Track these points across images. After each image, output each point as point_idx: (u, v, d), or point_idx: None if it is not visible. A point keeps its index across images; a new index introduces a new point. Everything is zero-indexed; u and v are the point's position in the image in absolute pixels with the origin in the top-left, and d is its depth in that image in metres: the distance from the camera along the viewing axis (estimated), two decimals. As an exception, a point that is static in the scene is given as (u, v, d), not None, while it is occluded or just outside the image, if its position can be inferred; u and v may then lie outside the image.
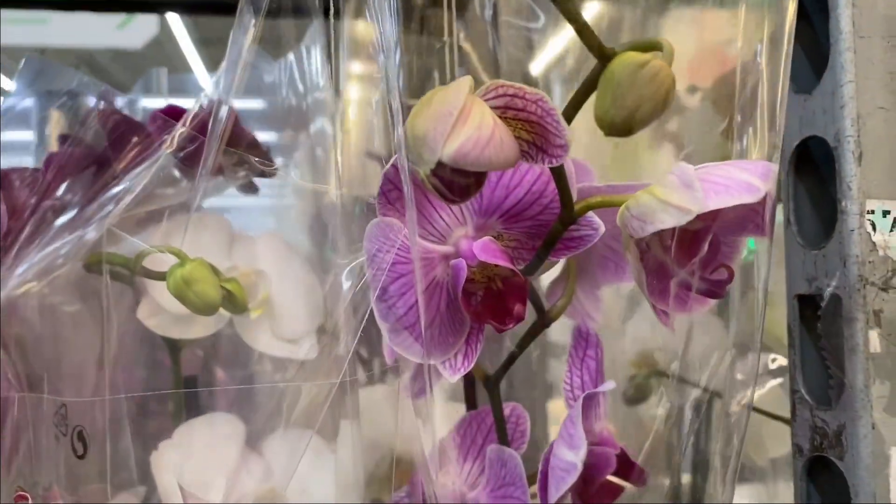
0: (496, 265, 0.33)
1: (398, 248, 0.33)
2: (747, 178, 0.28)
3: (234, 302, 0.39)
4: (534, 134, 0.26)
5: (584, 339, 0.43)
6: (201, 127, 0.42)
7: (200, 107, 0.40)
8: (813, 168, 0.39)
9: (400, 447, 0.49)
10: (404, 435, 0.48)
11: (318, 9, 0.44)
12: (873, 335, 0.35)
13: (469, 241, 0.33)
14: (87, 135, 0.49)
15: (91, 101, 0.50)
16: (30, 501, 0.39)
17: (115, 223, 0.38)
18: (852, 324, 0.35)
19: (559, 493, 0.40)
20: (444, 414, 0.57)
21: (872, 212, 0.36)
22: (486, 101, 0.26)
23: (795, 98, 0.39)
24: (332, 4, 0.44)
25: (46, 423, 0.39)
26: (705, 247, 0.31)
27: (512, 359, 0.44)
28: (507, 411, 0.46)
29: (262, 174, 0.53)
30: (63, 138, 0.51)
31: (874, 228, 0.36)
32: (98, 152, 0.47)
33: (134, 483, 0.38)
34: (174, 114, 0.46)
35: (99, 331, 0.40)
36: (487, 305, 0.33)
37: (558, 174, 0.29)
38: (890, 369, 0.35)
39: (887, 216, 0.36)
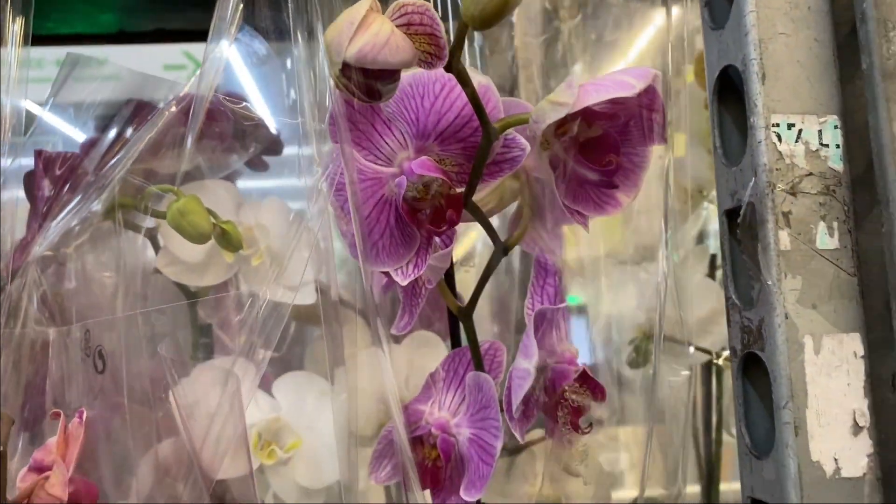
0: (439, 185, 0.39)
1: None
2: (624, 78, 0.32)
3: (228, 239, 0.45)
4: (432, 45, 0.32)
5: (544, 269, 0.47)
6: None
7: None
8: (734, 96, 0.43)
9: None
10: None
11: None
12: (783, 234, 0.39)
13: (410, 162, 0.38)
14: (117, 121, 0.56)
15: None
16: (62, 418, 0.45)
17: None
18: (764, 225, 0.39)
19: (518, 399, 0.44)
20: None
21: (778, 125, 0.40)
22: (394, 20, 0.32)
23: (714, 34, 0.43)
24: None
25: (75, 349, 0.45)
26: (610, 155, 0.36)
27: (479, 289, 0.48)
28: (485, 346, 0.51)
29: (270, 151, 0.59)
30: (99, 127, 0.58)
31: (780, 140, 0.40)
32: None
33: (147, 398, 0.44)
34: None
35: (117, 270, 0.47)
36: (428, 216, 0.38)
37: (470, 93, 0.35)
38: (799, 265, 0.39)
39: (792, 128, 0.40)
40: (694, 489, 0.84)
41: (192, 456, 0.46)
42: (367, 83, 0.31)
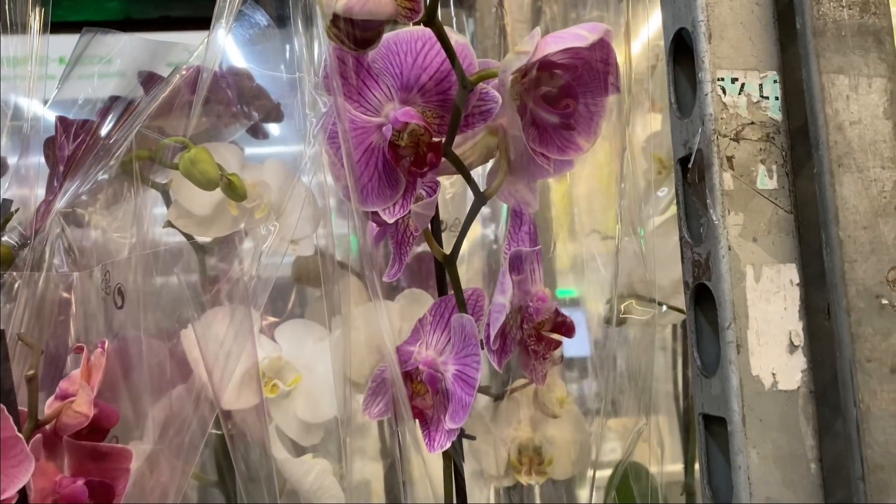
0: (420, 133, 0.44)
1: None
2: (578, 31, 0.37)
3: (234, 189, 0.50)
4: (410, 1, 0.37)
5: (519, 218, 0.52)
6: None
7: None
8: (686, 56, 0.48)
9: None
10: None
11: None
12: (727, 176, 0.44)
13: (396, 112, 0.43)
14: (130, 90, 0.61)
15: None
16: (85, 351, 0.50)
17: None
18: (710, 168, 0.44)
19: (494, 330, 0.49)
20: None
21: (722, 79, 0.44)
22: (377, -20, 0.37)
23: (668, 1, 0.48)
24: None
25: (96, 288, 0.50)
26: (568, 100, 0.41)
27: (462, 236, 0.53)
28: (468, 292, 0.56)
29: (269, 119, 0.64)
30: (112, 98, 0.63)
31: (725, 93, 0.44)
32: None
33: (161, 330, 0.49)
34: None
35: (133, 222, 0.52)
36: (412, 160, 0.43)
37: (447, 47, 0.40)
38: (741, 203, 0.44)
39: (735, 82, 0.45)
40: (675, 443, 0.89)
41: (211, 387, 0.50)
42: (354, 33, 0.36)
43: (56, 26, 1.00)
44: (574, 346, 0.92)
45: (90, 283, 0.51)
